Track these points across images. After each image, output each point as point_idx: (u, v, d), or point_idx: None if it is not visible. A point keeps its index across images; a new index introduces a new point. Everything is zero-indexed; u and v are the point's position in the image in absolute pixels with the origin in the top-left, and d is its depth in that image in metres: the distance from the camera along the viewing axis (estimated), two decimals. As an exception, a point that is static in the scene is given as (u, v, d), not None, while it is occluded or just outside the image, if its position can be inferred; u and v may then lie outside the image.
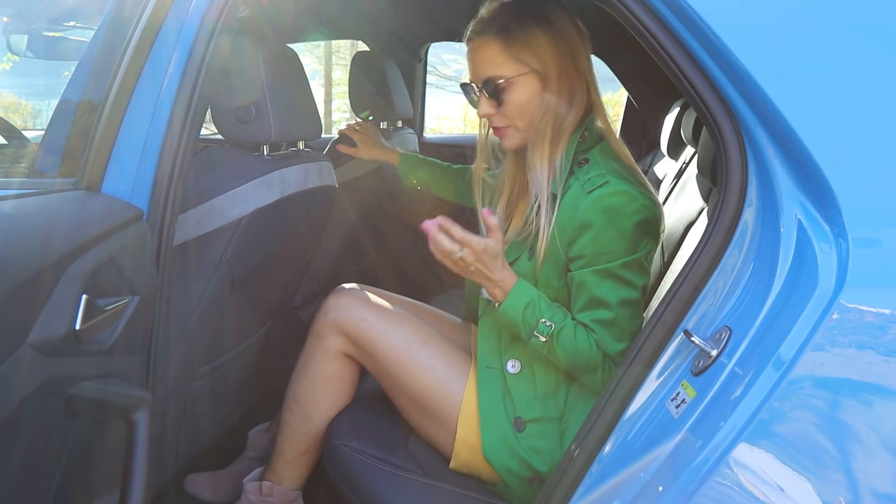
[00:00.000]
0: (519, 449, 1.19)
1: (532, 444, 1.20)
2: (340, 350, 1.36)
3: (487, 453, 1.21)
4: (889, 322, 0.80)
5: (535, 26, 1.16)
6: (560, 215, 1.16)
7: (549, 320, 1.14)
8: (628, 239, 1.12)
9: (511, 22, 1.16)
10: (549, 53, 1.16)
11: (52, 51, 1.89)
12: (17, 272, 0.79)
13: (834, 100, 0.84)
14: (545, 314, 1.15)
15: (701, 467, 0.78)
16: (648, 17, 0.92)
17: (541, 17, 1.16)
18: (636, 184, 1.15)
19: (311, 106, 1.50)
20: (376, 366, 1.33)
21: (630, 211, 1.12)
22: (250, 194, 1.30)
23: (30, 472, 0.88)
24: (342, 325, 1.34)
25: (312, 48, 11.49)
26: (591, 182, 1.14)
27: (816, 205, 0.83)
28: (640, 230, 1.13)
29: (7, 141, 1.66)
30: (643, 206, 1.13)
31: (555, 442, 1.20)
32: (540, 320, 1.14)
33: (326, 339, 1.37)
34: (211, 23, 1.09)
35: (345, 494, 1.28)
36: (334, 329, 1.35)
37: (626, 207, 1.12)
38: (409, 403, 1.31)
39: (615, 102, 4.08)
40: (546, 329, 1.14)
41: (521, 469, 1.20)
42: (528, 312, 1.15)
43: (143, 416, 0.87)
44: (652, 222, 1.15)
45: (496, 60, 1.17)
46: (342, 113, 12.41)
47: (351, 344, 1.35)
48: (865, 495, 0.76)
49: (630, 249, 1.12)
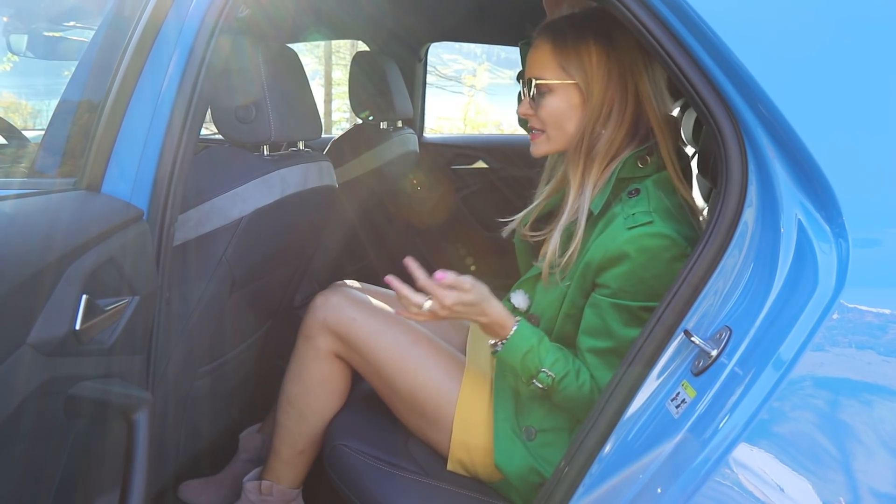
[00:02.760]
0: (529, 457, 1.19)
1: (542, 452, 1.19)
2: (331, 350, 1.35)
3: (499, 460, 1.19)
4: (889, 322, 0.80)
5: (591, 40, 1.13)
6: (599, 240, 1.11)
7: (549, 370, 1.11)
8: (658, 284, 1.06)
9: (568, 30, 1.15)
10: (596, 70, 1.13)
11: (52, 51, 1.89)
12: (17, 272, 0.79)
13: (834, 100, 0.84)
14: (545, 363, 1.11)
15: (701, 467, 0.78)
16: (648, 17, 0.92)
17: (601, 33, 1.13)
18: (683, 225, 1.09)
19: (312, 106, 1.50)
20: (367, 367, 1.32)
21: (668, 257, 1.06)
22: (250, 194, 1.30)
23: (30, 472, 0.88)
24: (332, 324, 1.33)
25: (312, 48, 11.50)
26: (634, 218, 1.08)
27: (816, 205, 0.83)
28: (672, 276, 1.02)
29: (7, 141, 1.66)
30: (682, 255, 1.06)
31: (564, 451, 1.18)
32: (541, 370, 1.11)
33: (317, 339, 1.35)
34: (211, 23, 1.09)
35: (345, 494, 1.28)
36: (324, 329, 1.34)
37: (665, 253, 1.06)
38: (402, 404, 1.30)
39: (615, 102, 4.10)
40: (546, 379, 1.11)
41: (531, 475, 1.19)
42: (527, 360, 1.11)
43: (143, 416, 0.87)
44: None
45: (543, 63, 1.16)
46: (342, 113, 12.42)
47: (341, 344, 1.34)
48: (865, 495, 0.76)
49: (655, 295, 1.05)
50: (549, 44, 1.16)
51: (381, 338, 1.30)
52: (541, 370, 1.11)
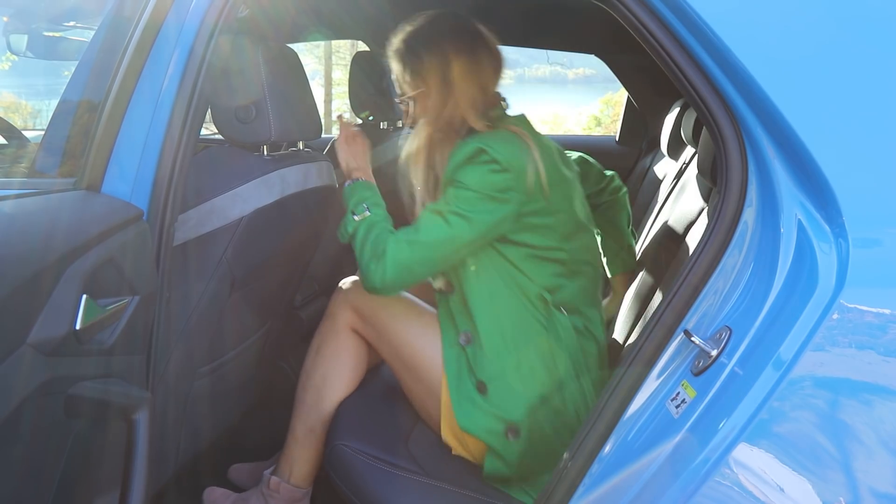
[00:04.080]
0: (488, 407, 1.28)
1: (497, 400, 1.28)
2: (348, 324, 1.46)
3: (461, 421, 1.29)
4: (889, 322, 0.80)
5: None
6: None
7: (371, 211, 1.33)
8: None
9: (399, 51, 1.40)
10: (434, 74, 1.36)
11: (52, 51, 1.89)
12: (17, 272, 0.79)
13: (834, 100, 0.84)
14: (372, 209, 1.34)
15: (701, 467, 0.78)
16: (648, 17, 0.92)
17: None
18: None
19: (311, 106, 1.50)
20: (377, 336, 1.43)
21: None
22: (250, 194, 1.30)
23: (30, 472, 0.88)
24: (352, 300, 1.45)
25: (312, 48, 11.50)
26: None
27: (816, 205, 0.83)
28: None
29: (7, 141, 1.66)
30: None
31: (517, 389, 1.28)
32: (364, 205, 1.34)
33: (337, 315, 1.47)
34: (211, 23, 1.09)
35: (345, 494, 1.28)
36: (345, 305, 1.46)
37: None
38: (403, 368, 1.41)
39: (615, 102, 4.07)
40: (362, 210, 1.33)
41: (495, 424, 1.27)
42: (357, 196, 1.36)
43: (143, 416, 0.87)
44: None
45: (400, 79, 1.42)
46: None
47: (358, 318, 1.45)
48: (865, 495, 0.76)
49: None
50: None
51: (391, 308, 1.43)
52: (364, 205, 1.35)
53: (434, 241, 1.25)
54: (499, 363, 1.29)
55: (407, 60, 1.36)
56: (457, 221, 1.23)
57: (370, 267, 1.27)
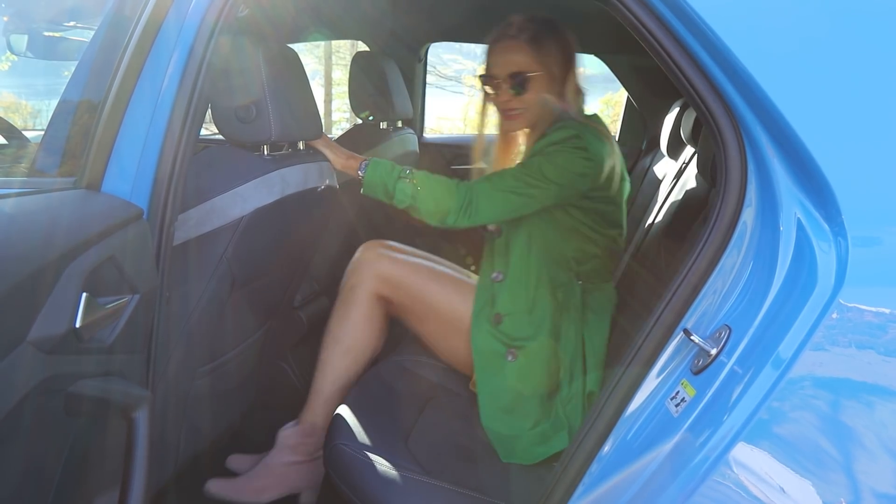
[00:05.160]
0: (496, 333, 1.49)
1: (507, 330, 1.49)
2: (375, 292, 1.61)
3: (474, 338, 1.49)
4: (888, 321, 0.80)
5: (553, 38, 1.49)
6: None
7: (411, 170, 1.43)
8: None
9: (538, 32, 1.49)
10: (557, 61, 1.49)
11: (52, 51, 1.89)
12: (17, 270, 0.79)
13: (833, 99, 0.84)
14: (410, 168, 1.44)
15: (700, 466, 0.78)
16: (648, 17, 0.92)
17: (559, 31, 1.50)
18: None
19: (312, 106, 1.50)
20: (411, 298, 1.59)
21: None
22: (251, 194, 1.30)
23: (30, 471, 0.88)
24: (379, 269, 1.61)
25: (312, 48, 11.50)
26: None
27: (816, 204, 0.83)
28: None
29: (7, 141, 1.66)
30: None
31: (525, 322, 1.49)
32: (400, 169, 1.44)
33: (363, 284, 1.61)
34: (211, 23, 1.10)
35: (345, 494, 1.28)
36: (371, 273, 1.61)
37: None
38: (437, 323, 1.59)
39: (615, 102, 4.08)
40: (405, 172, 1.43)
41: (497, 345, 1.48)
42: (383, 167, 1.45)
43: (143, 415, 0.87)
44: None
45: (524, 60, 1.47)
46: (342, 113, 12.42)
47: (387, 285, 1.60)
48: (865, 495, 0.76)
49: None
50: (525, 44, 1.48)
51: (421, 274, 1.61)
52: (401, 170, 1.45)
53: (510, 188, 1.40)
54: (516, 303, 1.50)
55: (536, 41, 1.48)
56: (536, 183, 1.39)
57: (453, 196, 1.41)
